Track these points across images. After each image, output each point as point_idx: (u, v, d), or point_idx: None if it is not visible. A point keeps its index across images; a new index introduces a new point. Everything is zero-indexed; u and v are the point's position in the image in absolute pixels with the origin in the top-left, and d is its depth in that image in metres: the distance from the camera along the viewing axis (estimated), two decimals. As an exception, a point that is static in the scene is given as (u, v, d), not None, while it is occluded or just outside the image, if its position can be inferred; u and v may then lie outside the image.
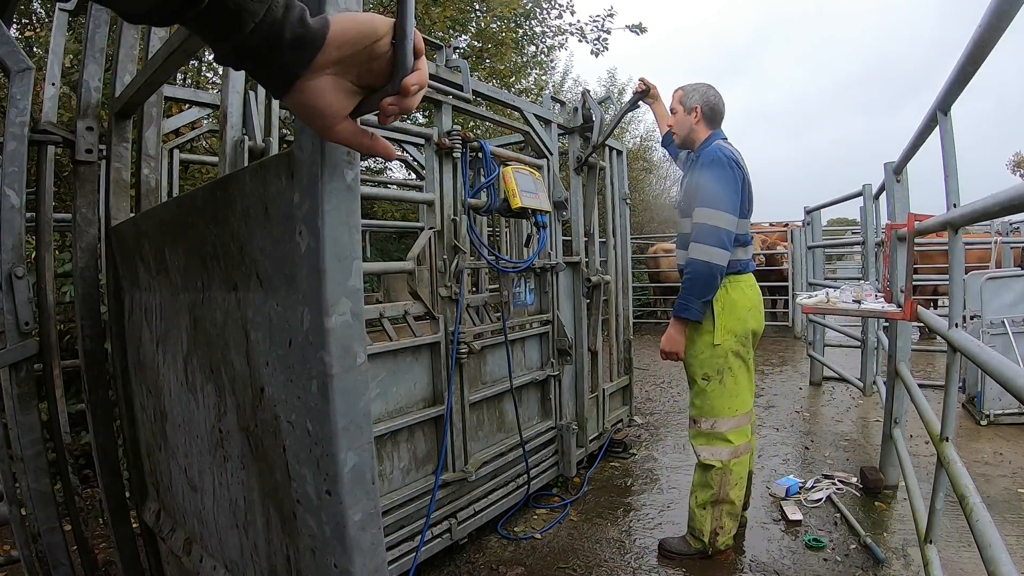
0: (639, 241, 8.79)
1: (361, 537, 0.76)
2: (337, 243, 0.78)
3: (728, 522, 2.04)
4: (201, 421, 1.10)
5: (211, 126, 3.08)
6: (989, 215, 1.18)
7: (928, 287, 6.27)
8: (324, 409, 0.75)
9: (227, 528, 1.07)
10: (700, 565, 2.05)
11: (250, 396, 0.94)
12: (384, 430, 1.86)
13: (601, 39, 7.04)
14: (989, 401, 3.36)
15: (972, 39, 1.27)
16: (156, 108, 1.34)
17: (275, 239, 0.87)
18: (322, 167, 0.78)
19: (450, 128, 2.14)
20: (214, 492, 1.09)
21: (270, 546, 0.96)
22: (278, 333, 0.86)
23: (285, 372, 0.84)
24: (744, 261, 2.06)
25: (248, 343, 0.94)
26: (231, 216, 0.99)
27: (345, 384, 0.76)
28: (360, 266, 0.82)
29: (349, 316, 0.78)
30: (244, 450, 0.99)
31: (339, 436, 0.75)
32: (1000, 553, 1.06)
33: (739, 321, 1.99)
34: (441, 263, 2.09)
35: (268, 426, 0.90)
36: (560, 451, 2.77)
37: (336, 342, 0.75)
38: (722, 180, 1.94)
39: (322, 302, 0.76)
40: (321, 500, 0.78)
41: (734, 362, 2.00)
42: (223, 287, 1.01)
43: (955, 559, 1.96)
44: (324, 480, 0.77)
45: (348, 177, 0.81)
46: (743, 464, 2.04)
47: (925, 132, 1.96)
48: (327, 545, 0.79)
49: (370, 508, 0.76)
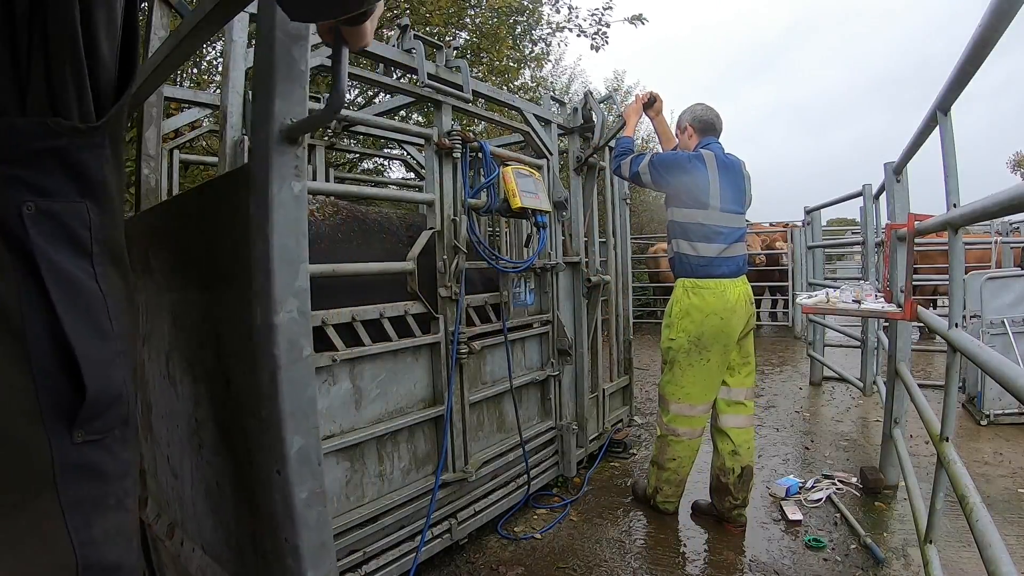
0: (639, 241, 8.79)
1: (307, 513, 0.85)
2: (285, 248, 0.88)
3: (666, 488, 2.38)
4: (180, 411, 1.17)
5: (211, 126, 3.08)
6: (989, 215, 1.18)
7: (928, 287, 6.28)
8: (274, 397, 0.84)
9: (203, 511, 1.13)
10: (700, 565, 2.05)
11: (220, 387, 1.02)
12: (384, 430, 1.86)
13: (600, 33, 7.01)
14: (989, 401, 3.36)
15: (972, 39, 1.27)
16: (156, 108, 1.34)
17: (235, 243, 0.94)
18: (272, 180, 0.90)
19: (450, 128, 2.14)
20: (191, 477, 1.16)
21: (239, 526, 1.02)
22: (239, 328, 0.94)
23: (246, 364, 0.92)
24: (708, 259, 2.20)
25: (217, 337, 1.02)
26: (203, 222, 1.07)
27: (292, 375, 0.85)
28: (307, 268, 0.92)
29: (296, 313, 0.88)
30: (216, 437, 1.06)
31: (287, 421, 0.83)
32: (1000, 553, 1.06)
33: (694, 324, 2.21)
34: (441, 263, 2.09)
35: (233, 414, 0.98)
36: (560, 451, 2.77)
37: (284, 337, 0.85)
38: (669, 156, 2.35)
39: (272, 300, 0.85)
40: (272, 480, 0.86)
41: (682, 358, 2.25)
42: (197, 287, 1.09)
43: (955, 559, 1.96)
44: (275, 461, 0.85)
45: (295, 189, 0.93)
46: (684, 447, 2.32)
47: (925, 132, 1.96)
48: (279, 521, 0.86)
49: (316, 487, 0.86)
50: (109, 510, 0.54)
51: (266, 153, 0.90)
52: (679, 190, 2.26)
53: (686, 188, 2.23)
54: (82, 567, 0.50)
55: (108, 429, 0.53)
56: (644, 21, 6.99)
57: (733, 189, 2.26)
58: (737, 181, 2.29)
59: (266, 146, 0.92)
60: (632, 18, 6.99)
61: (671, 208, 2.32)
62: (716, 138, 2.37)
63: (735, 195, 2.27)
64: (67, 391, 0.49)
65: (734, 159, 2.33)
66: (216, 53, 4.90)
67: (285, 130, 0.93)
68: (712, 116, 2.38)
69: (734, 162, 2.32)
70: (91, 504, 0.52)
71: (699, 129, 2.38)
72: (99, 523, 0.52)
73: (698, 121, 2.38)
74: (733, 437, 2.28)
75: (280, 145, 0.93)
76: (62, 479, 0.49)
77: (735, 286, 2.23)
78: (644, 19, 6.98)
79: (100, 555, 0.52)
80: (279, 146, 0.93)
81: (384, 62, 2.03)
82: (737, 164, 2.33)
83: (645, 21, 7.00)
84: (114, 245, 0.56)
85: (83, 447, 0.51)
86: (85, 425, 0.51)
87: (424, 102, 2.35)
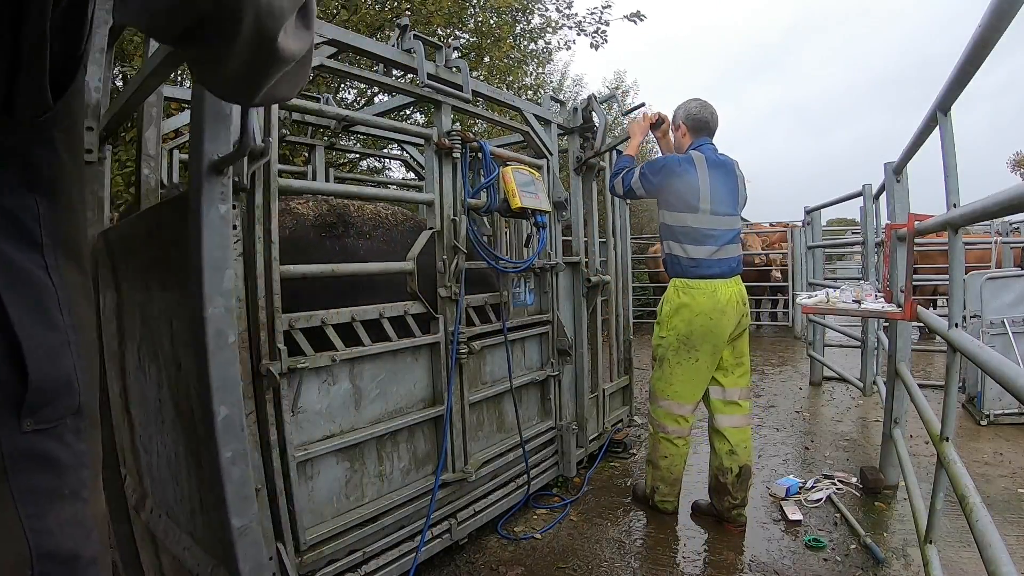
0: (639, 241, 8.79)
1: (232, 470, 1.08)
2: (213, 257, 1.12)
3: (662, 486, 2.38)
4: (150, 396, 1.40)
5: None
6: (989, 215, 1.18)
7: (928, 287, 6.28)
8: (206, 375, 1.06)
9: (167, 480, 1.36)
10: (700, 565, 2.05)
11: (174, 370, 1.25)
12: (384, 430, 1.86)
13: (600, 31, 7.01)
14: (989, 401, 3.36)
15: (972, 39, 1.27)
16: (156, 108, 1.35)
17: (181, 252, 1.18)
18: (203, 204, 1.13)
19: (450, 128, 2.14)
20: (158, 451, 1.38)
21: (189, 487, 1.26)
22: (186, 320, 1.17)
23: (190, 349, 1.14)
24: (698, 261, 2.22)
25: (171, 329, 1.26)
26: (161, 235, 1.32)
27: (219, 358, 1.07)
28: (232, 273, 1.17)
29: (222, 309, 1.11)
30: (173, 412, 1.28)
31: (215, 394, 1.06)
32: (1000, 553, 1.06)
33: (683, 322, 2.24)
34: (441, 263, 2.09)
35: (182, 392, 1.21)
36: (560, 451, 2.77)
37: (213, 327, 1.07)
38: (658, 162, 2.35)
39: (203, 298, 1.08)
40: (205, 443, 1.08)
41: (671, 356, 2.29)
42: (159, 288, 1.33)
43: (955, 559, 1.96)
44: (206, 428, 1.07)
45: (222, 210, 1.17)
46: (674, 445, 2.33)
47: (925, 132, 1.96)
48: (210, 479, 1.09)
49: (239, 448, 1.09)
50: (64, 500, 0.54)
51: (199, 182, 1.12)
52: (669, 194, 2.27)
53: (676, 192, 2.25)
54: (36, 556, 0.50)
55: (58, 418, 0.53)
56: (642, 18, 6.99)
57: (725, 191, 2.27)
58: (729, 182, 2.30)
59: (199, 176, 1.16)
60: (631, 15, 6.99)
61: (662, 211, 2.34)
62: (710, 138, 2.37)
63: (727, 197, 2.28)
64: (12, 380, 0.49)
65: (726, 159, 2.33)
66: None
67: (213, 163, 1.18)
68: (707, 115, 2.36)
69: (726, 162, 2.32)
70: (45, 493, 0.52)
71: (692, 128, 2.37)
72: (53, 512, 0.52)
73: (692, 119, 2.36)
74: (729, 437, 2.28)
75: (209, 175, 1.17)
76: (12, 468, 0.49)
77: (727, 286, 2.24)
78: (642, 16, 6.98)
79: (56, 544, 0.52)
80: (208, 176, 1.16)
81: (384, 62, 2.03)
82: (729, 164, 2.33)
83: (643, 18, 7.00)
84: (69, 240, 0.57)
85: (33, 436, 0.51)
86: (33, 414, 0.51)
87: (424, 102, 2.35)
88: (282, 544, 1.57)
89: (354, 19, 4.97)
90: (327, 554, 1.68)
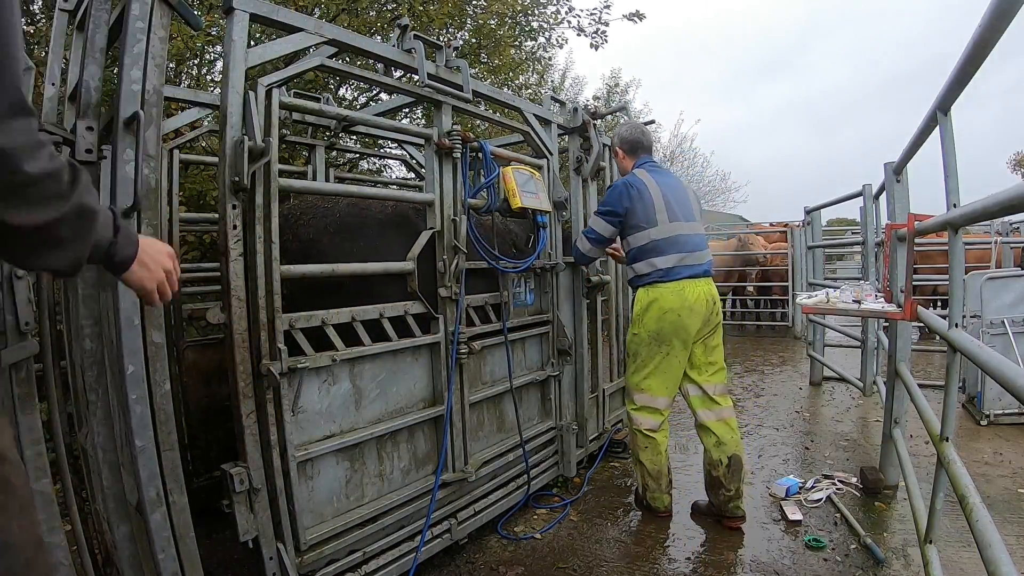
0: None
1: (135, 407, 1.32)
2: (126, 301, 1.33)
3: (650, 483, 2.40)
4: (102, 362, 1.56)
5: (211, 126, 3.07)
6: (989, 215, 1.18)
7: (928, 287, 6.27)
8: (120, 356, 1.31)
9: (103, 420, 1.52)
10: (700, 565, 2.05)
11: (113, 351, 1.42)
12: (384, 430, 1.87)
13: (600, 32, 7.01)
14: (989, 401, 3.36)
15: (972, 39, 1.27)
16: (156, 108, 1.34)
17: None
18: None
19: (450, 128, 2.14)
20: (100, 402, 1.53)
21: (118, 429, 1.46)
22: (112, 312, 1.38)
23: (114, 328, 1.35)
24: (667, 270, 2.30)
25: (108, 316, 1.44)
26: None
27: (129, 344, 1.30)
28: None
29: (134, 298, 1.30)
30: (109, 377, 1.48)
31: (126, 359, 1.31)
32: (1000, 553, 1.06)
33: (653, 319, 2.30)
34: (441, 263, 2.09)
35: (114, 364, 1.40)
36: (560, 451, 2.77)
37: (124, 316, 1.29)
38: (609, 195, 2.40)
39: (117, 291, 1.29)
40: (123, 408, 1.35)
41: (644, 351, 2.36)
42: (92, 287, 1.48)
43: (955, 559, 1.96)
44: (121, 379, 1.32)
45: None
46: (650, 439, 2.36)
47: (925, 132, 1.96)
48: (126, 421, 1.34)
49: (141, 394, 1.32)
50: None
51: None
52: (627, 218, 2.34)
53: (632, 213, 2.32)
54: None
55: None
56: (642, 17, 6.99)
57: (676, 199, 2.35)
58: (678, 192, 2.38)
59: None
60: (630, 15, 6.99)
61: (624, 240, 2.41)
62: (648, 155, 2.50)
63: (680, 204, 2.35)
64: None
65: (667, 172, 2.47)
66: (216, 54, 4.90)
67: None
68: (637, 135, 2.50)
69: (669, 173, 2.46)
70: None
71: (628, 150, 2.51)
72: None
73: (625, 143, 2.50)
74: (714, 429, 2.31)
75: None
76: None
77: (695, 286, 2.29)
78: (642, 16, 6.98)
79: None
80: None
81: (384, 62, 2.03)
82: (672, 175, 2.46)
83: (643, 17, 6.99)
84: None
85: None
86: None
87: (424, 102, 2.35)
88: (282, 544, 1.57)
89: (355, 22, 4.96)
90: (327, 554, 1.69)
